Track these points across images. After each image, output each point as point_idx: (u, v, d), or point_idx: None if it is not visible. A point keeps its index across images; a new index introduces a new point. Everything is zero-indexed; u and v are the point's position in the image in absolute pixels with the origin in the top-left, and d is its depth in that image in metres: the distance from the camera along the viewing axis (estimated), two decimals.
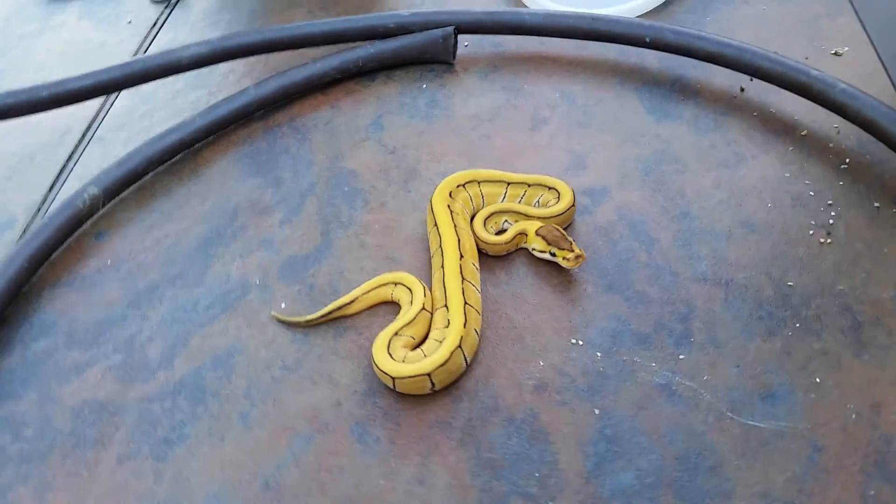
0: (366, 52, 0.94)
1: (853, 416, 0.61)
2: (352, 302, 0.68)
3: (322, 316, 0.68)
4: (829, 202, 0.77)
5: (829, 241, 0.73)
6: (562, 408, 0.62)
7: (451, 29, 0.94)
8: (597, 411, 0.62)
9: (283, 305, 0.70)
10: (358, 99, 0.92)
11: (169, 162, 0.84)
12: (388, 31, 0.95)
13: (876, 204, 0.76)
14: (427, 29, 0.95)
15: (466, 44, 0.98)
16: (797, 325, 0.67)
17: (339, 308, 0.68)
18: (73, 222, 0.77)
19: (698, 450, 0.59)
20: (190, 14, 1.09)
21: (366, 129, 0.87)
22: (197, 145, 0.86)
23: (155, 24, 1.09)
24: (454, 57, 0.95)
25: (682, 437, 0.60)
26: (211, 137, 0.87)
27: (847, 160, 0.81)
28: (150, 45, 1.04)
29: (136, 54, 1.01)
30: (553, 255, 0.69)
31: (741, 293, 0.69)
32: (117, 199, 0.81)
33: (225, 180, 0.83)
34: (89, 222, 0.79)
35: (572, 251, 0.68)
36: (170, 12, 1.11)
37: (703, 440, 0.60)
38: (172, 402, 0.64)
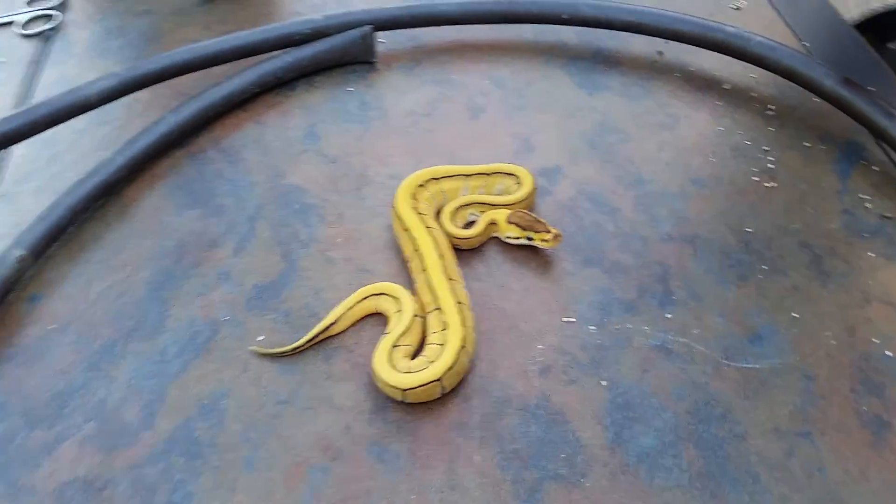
0: (283, 62, 0.93)
1: (833, 341, 0.67)
2: (336, 321, 0.68)
3: (308, 341, 0.67)
4: (765, 148, 0.83)
5: (774, 184, 0.80)
6: (571, 386, 0.65)
7: (368, 28, 0.95)
8: (604, 383, 0.65)
9: (260, 338, 0.69)
10: (283, 111, 0.91)
11: (93, 208, 0.80)
12: (304, 38, 0.94)
13: (806, 143, 0.84)
14: (343, 30, 0.95)
15: (383, 41, 0.99)
16: (764, 267, 0.73)
17: (325, 329, 0.68)
18: (2, 290, 0.73)
19: (706, 400, 0.64)
20: (73, 46, 1.04)
21: (300, 142, 0.87)
22: (120, 185, 0.82)
23: (34, 62, 1.03)
24: (375, 56, 0.96)
25: (689, 392, 0.64)
26: (134, 174, 0.84)
27: (772, 107, 0.88)
28: (36, 85, 0.99)
29: (24, 98, 0.95)
30: (530, 239, 0.71)
31: (707, 246, 0.75)
32: (44, 257, 0.77)
33: (159, 217, 0.80)
34: (19, 287, 0.75)
35: (549, 231, 0.71)
36: (47, 46, 1.06)
37: (708, 390, 0.64)
38: (166, 462, 0.62)
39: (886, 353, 0.65)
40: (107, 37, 1.04)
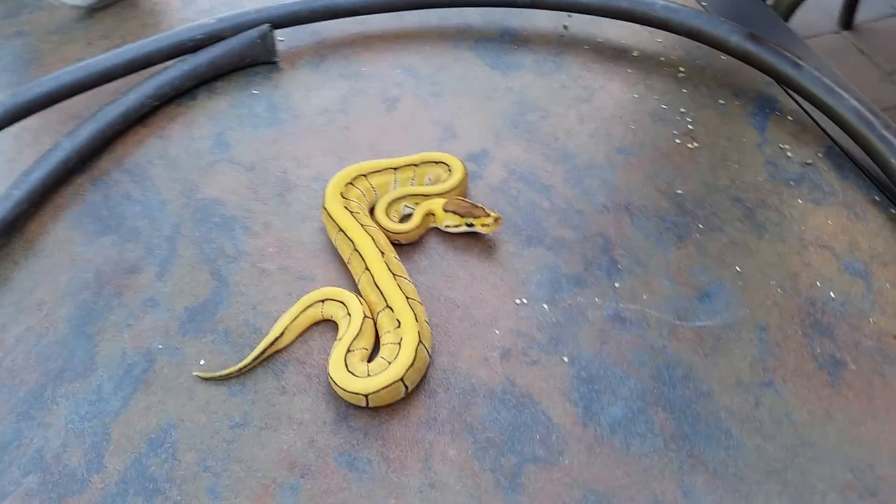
0: (180, 71, 0.90)
1: (779, 290, 0.70)
2: (282, 334, 0.67)
3: (255, 359, 0.66)
4: (682, 110, 0.87)
5: (696, 144, 0.83)
6: (533, 366, 0.66)
7: (266, 27, 0.93)
8: (566, 359, 0.66)
9: (202, 362, 0.67)
10: (187, 122, 0.88)
11: None
12: (198, 43, 0.92)
13: (721, 101, 0.88)
14: (239, 32, 0.93)
15: (282, 39, 0.97)
16: (700, 226, 0.76)
17: (271, 344, 0.66)
18: None
19: (666, 363, 0.66)
20: None
21: (210, 151, 0.84)
22: (22, 221, 0.78)
23: None
24: (276, 55, 0.94)
25: (649, 357, 0.66)
26: (35, 207, 0.79)
27: (681, 69, 0.92)
28: None
29: None
30: (470, 225, 0.72)
31: (642, 212, 0.77)
32: None
33: (70, 249, 0.76)
34: None
35: (489, 215, 0.71)
36: None
37: (667, 353, 0.66)
38: (123, 503, 0.59)
39: (830, 294, 0.69)
40: None
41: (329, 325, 0.69)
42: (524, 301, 0.70)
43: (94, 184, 0.82)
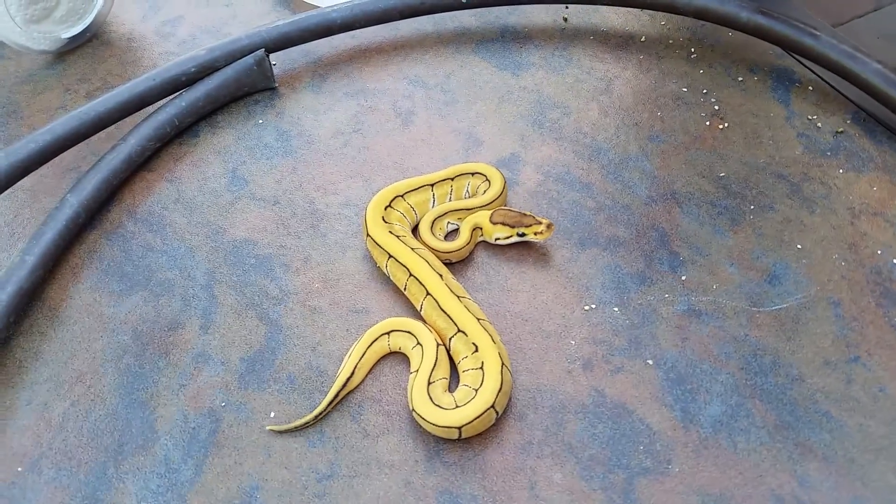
0: (178, 108, 0.86)
1: (842, 263, 0.70)
2: (352, 373, 0.64)
3: (329, 403, 0.63)
4: (704, 91, 0.86)
5: (726, 124, 0.82)
6: (619, 374, 0.64)
7: (261, 52, 0.89)
8: (650, 362, 0.65)
9: (272, 414, 0.64)
10: (194, 161, 0.84)
11: (17, 321, 0.71)
12: (192, 77, 0.87)
13: (739, 78, 0.87)
14: (232, 61, 0.89)
15: (274, 63, 0.94)
16: (751, 206, 0.75)
17: (343, 386, 0.63)
18: None
19: (752, 352, 0.65)
20: None
21: (227, 190, 0.80)
22: (40, 288, 0.73)
23: None
24: (274, 80, 0.91)
25: (733, 348, 0.65)
26: (50, 272, 0.74)
27: (692, 50, 0.91)
28: None
29: None
30: (522, 234, 0.70)
31: (690, 199, 0.76)
32: None
33: (97, 311, 0.72)
34: None
35: (540, 223, 0.69)
36: None
37: (750, 341, 0.65)
38: None
39: (894, 261, 0.69)
40: None
41: (396, 357, 0.67)
42: (593, 306, 0.68)
43: (108, 238, 0.77)
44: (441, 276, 0.67)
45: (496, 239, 0.72)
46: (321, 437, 0.62)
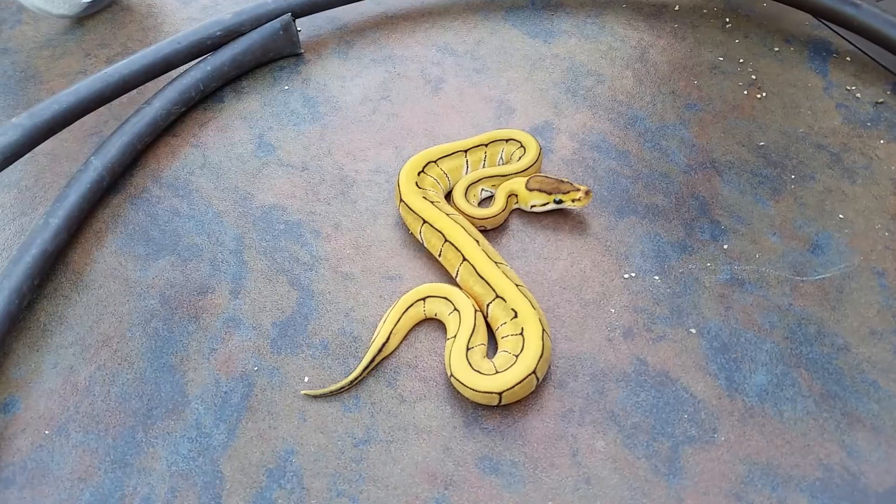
0: (203, 73, 0.85)
1: (885, 232, 0.69)
2: (388, 339, 0.62)
3: (364, 369, 0.61)
4: (741, 61, 0.85)
5: (764, 94, 0.81)
6: (661, 342, 0.63)
7: (287, 17, 0.88)
8: (693, 330, 0.63)
9: (306, 379, 0.63)
10: (220, 126, 0.82)
11: (41, 285, 0.69)
12: (218, 41, 0.86)
13: (776, 48, 0.86)
14: (258, 25, 0.88)
15: (300, 29, 0.92)
16: (792, 176, 0.74)
17: (379, 351, 0.62)
18: None
19: (797, 322, 0.64)
20: None
21: (255, 156, 0.79)
22: (64, 252, 0.72)
23: None
24: (299, 46, 0.89)
25: (777, 317, 0.64)
26: (74, 236, 0.73)
27: (727, 20, 0.90)
28: None
29: None
30: (559, 202, 0.68)
31: (730, 168, 0.75)
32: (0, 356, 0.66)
33: (123, 276, 0.71)
34: None
35: (578, 189, 0.68)
36: None
37: (794, 311, 0.64)
38: None
39: None
40: None
41: (432, 323, 0.66)
42: (633, 275, 0.67)
43: (133, 203, 0.76)
44: (478, 241, 0.66)
45: (532, 206, 0.70)
46: (357, 402, 0.61)
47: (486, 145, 0.75)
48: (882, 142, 0.76)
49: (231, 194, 0.76)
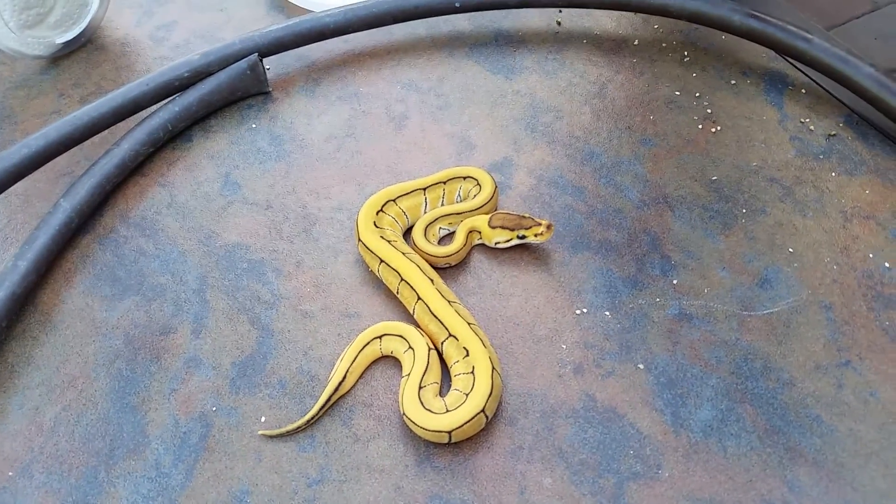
0: (171, 113, 0.86)
1: (834, 266, 0.70)
2: (344, 377, 0.64)
3: (321, 408, 0.63)
4: (697, 95, 0.86)
5: (718, 128, 0.82)
6: (609, 378, 0.64)
7: (254, 56, 0.89)
8: (641, 366, 0.65)
9: (262, 419, 0.64)
10: (187, 165, 0.84)
11: (7, 327, 0.71)
12: (185, 82, 0.88)
13: (732, 81, 0.87)
14: (226, 65, 0.89)
15: (268, 67, 0.94)
16: (743, 210, 0.75)
17: (335, 391, 0.63)
18: None
19: (743, 357, 0.65)
20: None
21: (220, 194, 0.81)
22: (33, 293, 0.73)
23: None
24: (267, 84, 0.91)
25: (724, 353, 0.65)
26: (43, 277, 0.74)
27: (685, 53, 0.91)
28: None
29: None
30: (523, 237, 0.70)
31: (681, 203, 0.76)
32: None
33: (90, 316, 0.72)
34: None
35: (539, 224, 0.69)
36: None
37: (741, 346, 0.65)
38: None
39: (885, 264, 0.69)
40: None
41: (388, 361, 0.67)
42: (584, 311, 0.68)
43: (101, 243, 0.78)
44: (432, 280, 0.67)
45: (496, 243, 0.72)
46: (312, 441, 0.62)
47: (445, 183, 0.76)
48: (833, 174, 0.77)
49: (196, 233, 0.77)
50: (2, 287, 0.71)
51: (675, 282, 0.69)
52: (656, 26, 0.95)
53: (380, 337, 0.66)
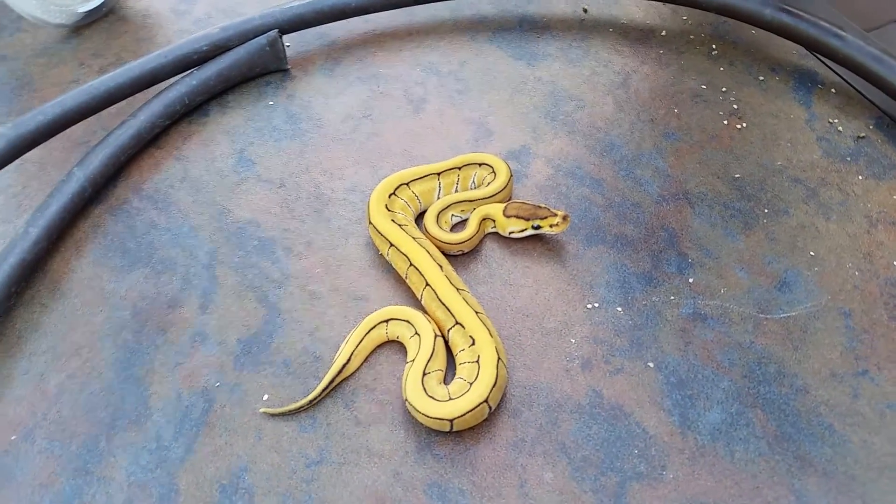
0: (188, 87, 0.86)
1: (856, 272, 0.68)
2: (349, 360, 0.63)
3: (324, 389, 0.62)
4: (723, 89, 0.84)
5: (744, 124, 0.81)
6: (618, 375, 0.63)
7: (274, 33, 0.89)
8: (651, 364, 0.63)
9: (265, 397, 0.63)
10: (203, 140, 0.83)
11: (19, 293, 0.70)
12: (204, 56, 0.87)
13: (760, 77, 0.85)
14: (245, 40, 0.88)
15: (289, 45, 0.93)
16: (765, 210, 0.73)
17: (339, 373, 0.62)
18: None
19: (757, 360, 0.63)
20: None
21: (234, 171, 0.80)
22: (43, 260, 0.73)
23: None
24: (286, 62, 0.90)
25: (737, 355, 0.64)
26: (54, 245, 0.74)
27: (713, 47, 0.89)
28: None
29: None
30: (538, 227, 0.69)
31: (702, 200, 0.74)
32: None
33: (98, 286, 0.71)
34: None
35: (555, 215, 0.68)
36: None
37: (755, 349, 0.64)
38: None
39: None
40: None
41: (394, 346, 0.66)
42: (596, 305, 0.67)
43: (113, 214, 0.77)
44: (441, 267, 0.66)
45: (510, 232, 0.71)
46: (313, 422, 0.61)
47: (460, 169, 0.75)
48: (860, 177, 0.75)
49: (208, 208, 0.77)
50: (12, 253, 0.71)
51: (690, 280, 0.68)
52: (685, 17, 0.93)
53: (386, 321, 0.65)
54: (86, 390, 0.64)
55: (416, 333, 0.64)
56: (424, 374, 0.61)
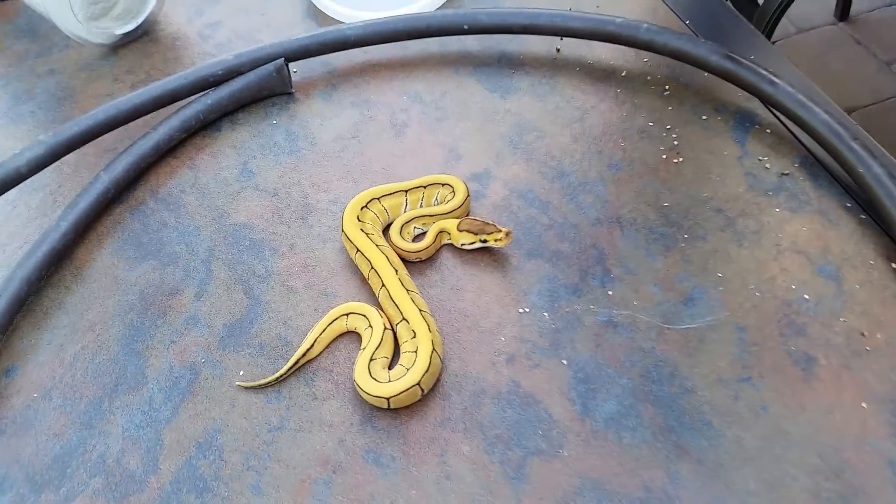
0: (203, 105, 0.99)
1: (757, 294, 0.79)
2: (312, 345, 0.75)
3: (289, 369, 0.74)
4: (668, 127, 0.95)
5: (681, 159, 0.91)
6: (536, 370, 0.74)
7: (281, 61, 1.01)
8: (564, 362, 0.75)
9: (241, 373, 0.76)
10: (213, 152, 0.97)
11: (48, 275, 0.85)
12: (219, 79, 1.00)
13: (704, 117, 0.96)
14: (256, 66, 1.02)
15: (295, 70, 1.06)
16: (685, 235, 0.84)
17: (303, 356, 0.75)
18: None
19: (654, 363, 0.74)
20: None
21: (237, 180, 0.93)
22: (70, 249, 0.87)
23: None
24: (291, 86, 1.03)
25: (639, 358, 0.74)
26: (80, 236, 0.88)
27: (667, 87, 1.00)
28: None
29: None
30: (484, 241, 0.80)
31: (631, 224, 0.85)
32: (9, 329, 0.81)
33: (115, 274, 0.85)
34: None
35: (500, 231, 0.80)
36: None
37: (655, 354, 0.75)
38: (177, 500, 0.68)
39: (805, 296, 0.77)
40: (16, 102, 1.07)
41: (353, 336, 0.78)
42: (526, 310, 0.78)
43: (131, 213, 0.91)
44: (397, 271, 0.78)
45: (462, 244, 0.82)
46: (277, 396, 0.74)
47: (425, 187, 0.87)
48: (777, 210, 0.85)
49: (211, 212, 0.90)
50: (45, 242, 0.84)
51: (610, 293, 0.79)
52: (646, 60, 1.04)
53: (347, 314, 0.77)
54: (95, 360, 0.78)
55: (370, 325, 0.76)
56: (371, 360, 0.73)
